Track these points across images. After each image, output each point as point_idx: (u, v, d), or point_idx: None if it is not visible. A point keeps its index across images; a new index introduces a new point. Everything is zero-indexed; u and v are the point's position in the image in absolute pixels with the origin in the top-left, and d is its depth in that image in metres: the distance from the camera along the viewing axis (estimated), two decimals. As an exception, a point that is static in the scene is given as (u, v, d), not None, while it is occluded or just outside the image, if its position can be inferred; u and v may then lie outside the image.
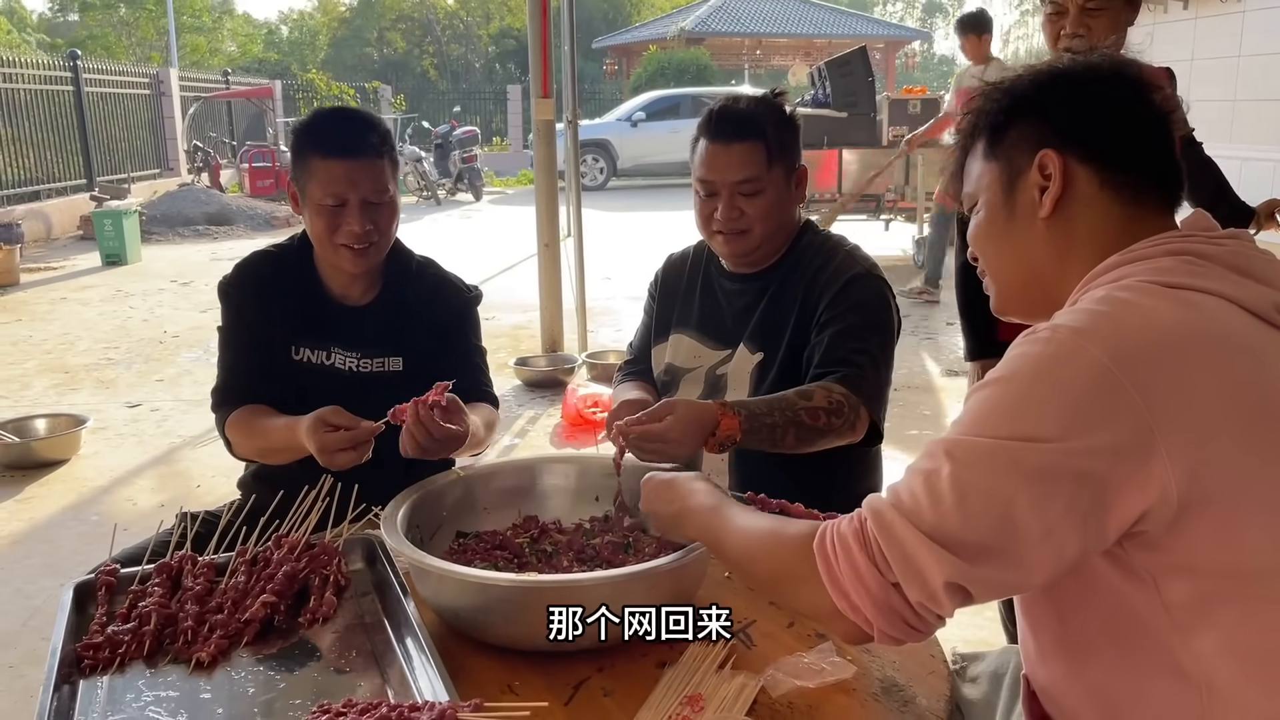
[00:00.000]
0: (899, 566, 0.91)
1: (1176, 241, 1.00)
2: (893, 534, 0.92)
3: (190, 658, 1.35)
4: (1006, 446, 0.89)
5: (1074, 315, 0.94)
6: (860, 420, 1.71)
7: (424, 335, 1.99)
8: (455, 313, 2.05)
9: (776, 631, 1.43)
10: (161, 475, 4.45)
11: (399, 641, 1.38)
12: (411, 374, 1.96)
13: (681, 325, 2.04)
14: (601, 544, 1.59)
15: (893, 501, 0.94)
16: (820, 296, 1.85)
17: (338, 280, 1.96)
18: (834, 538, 0.97)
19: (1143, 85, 1.06)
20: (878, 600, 0.93)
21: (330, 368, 1.94)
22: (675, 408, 1.58)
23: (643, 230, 12.04)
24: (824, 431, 1.67)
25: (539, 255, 6.09)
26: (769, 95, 1.93)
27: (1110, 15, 2.37)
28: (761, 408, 1.64)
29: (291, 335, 1.94)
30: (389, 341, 1.96)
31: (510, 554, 1.58)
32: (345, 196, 1.84)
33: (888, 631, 0.94)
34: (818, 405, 1.67)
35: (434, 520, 1.60)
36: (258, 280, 1.97)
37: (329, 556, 1.54)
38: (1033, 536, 0.88)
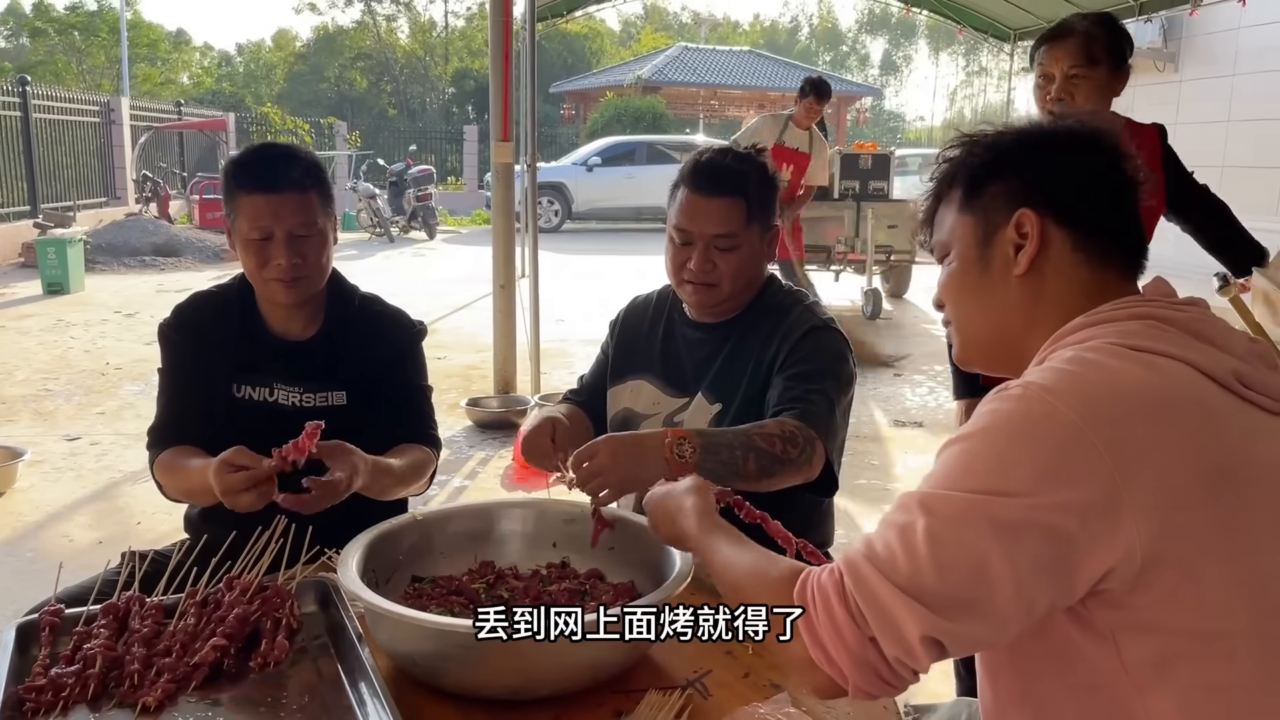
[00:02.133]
0: (875, 621, 0.92)
1: (1140, 306, 1.04)
2: (868, 588, 0.93)
3: (136, 702, 1.32)
4: (979, 501, 0.91)
5: (1044, 374, 0.97)
6: (816, 455, 1.73)
7: (367, 369, 1.99)
8: (397, 350, 2.05)
9: (732, 681, 1.43)
10: (100, 511, 4.34)
11: (353, 687, 1.37)
12: (355, 407, 1.96)
13: (642, 371, 2.06)
14: (558, 590, 1.59)
15: (867, 554, 0.95)
16: (780, 347, 1.88)
17: (277, 316, 1.96)
18: (814, 588, 0.98)
19: (1119, 154, 1.10)
20: (855, 655, 0.93)
21: (274, 404, 1.93)
22: (611, 434, 1.61)
23: (597, 273, 12.09)
24: (780, 460, 1.68)
25: (494, 296, 6.09)
26: (752, 152, 1.97)
27: (1094, 83, 2.48)
28: (713, 430, 1.67)
29: (232, 373, 1.94)
30: (332, 376, 1.96)
31: (466, 600, 1.57)
32: (270, 230, 1.85)
33: (862, 686, 0.95)
34: (771, 432, 1.69)
35: (389, 564, 1.58)
36: (196, 322, 1.98)
37: (282, 599, 1.52)
38: (1005, 590, 0.89)
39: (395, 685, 1.38)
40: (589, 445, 1.60)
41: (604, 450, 1.59)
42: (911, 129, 39.10)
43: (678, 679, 1.43)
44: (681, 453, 1.61)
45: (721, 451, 1.64)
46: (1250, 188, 9.27)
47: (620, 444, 1.59)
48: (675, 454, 1.61)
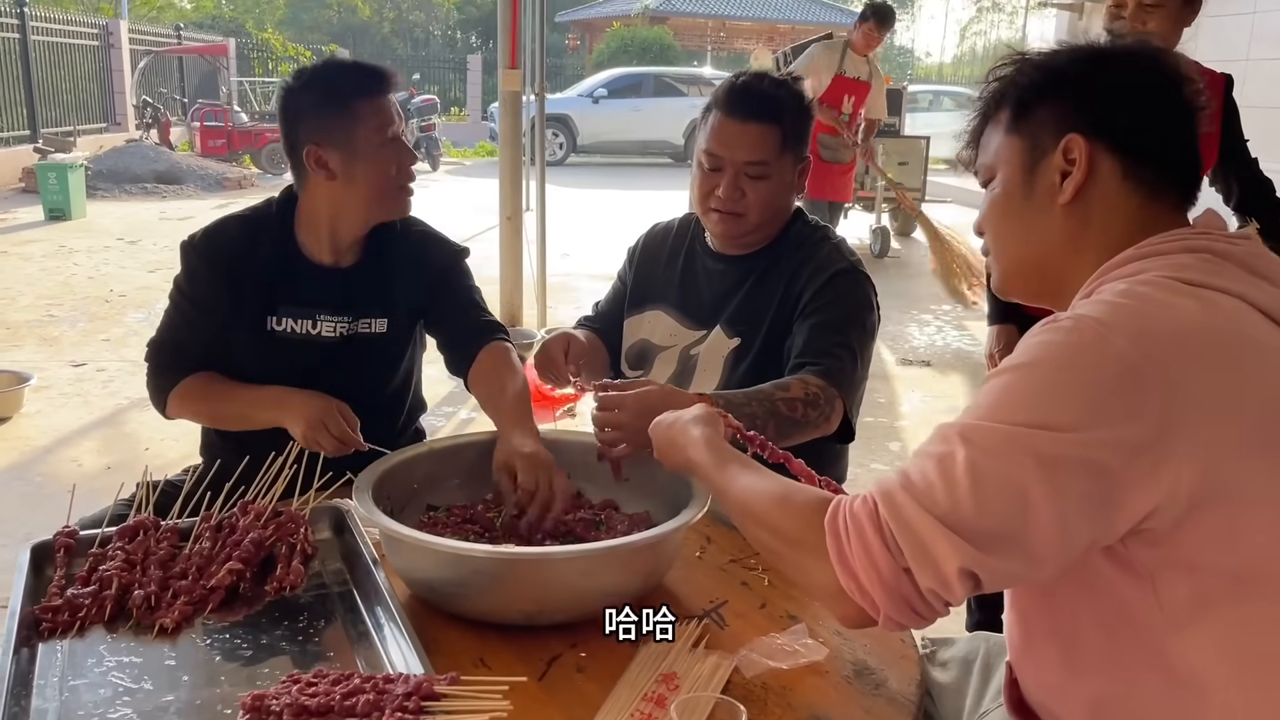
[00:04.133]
0: (911, 552, 0.90)
1: (1193, 239, 1.00)
2: (904, 518, 0.91)
3: (153, 624, 1.32)
4: (1024, 434, 0.89)
5: (1096, 306, 0.94)
6: (835, 413, 1.72)
7: (410, 295, 1.95)
8: (443, 266, 2.00)
9: (748, 612, 1.43)
10: (108, 437, 4.35)
11: (369, 612, 1.37)
12: (395, 335, 1.93)
13: (660, 301, 2.03)
14: (573, 520, 1.58)
15: (904, 483, 0.93)
16: (804, 287, 1.84)
17: (321, 246, 1.88)
18: (846, 516, 0.96)
19: (1179, 78, 1.05)
20: (888, 585, 0.92)
21: (316, 336, 1.87)
22: (642, 389, 1.57)
23: (602, 208, 11.99)
24: (801, 424, 1.67)
25: (501, 228, 6.04)
26: (790, 79, 1.91)
27: (1168, 11, 2.39)
28: (739, 398, 1.63)
29: (270, 305, 1.86)
30: (374, 302, 1.91)
31: (481, 528, 1.56)
32: (397, 131, 1.83)
33: (894, 617, 0.94)
34: (794, 396, 1.67)
35: (404, 492, 1.58)
36: (229, 250, 1.87)
37: (296, 525, 1.52)
38: (1045, 527, 0.88)
39: (410, 610, 1.38)
40: (617, 396, 1.57)
41: (630, 409, 1.54)
42: (921, 65, 38.44)
43: (694, 609, 1.43)
44: None
45: (743, 422, 1.61)
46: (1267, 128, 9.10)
47: (646, 405, 1.54)
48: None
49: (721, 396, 1.62)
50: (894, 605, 0.93)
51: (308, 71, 1.86)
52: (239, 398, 1.85)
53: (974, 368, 5.81)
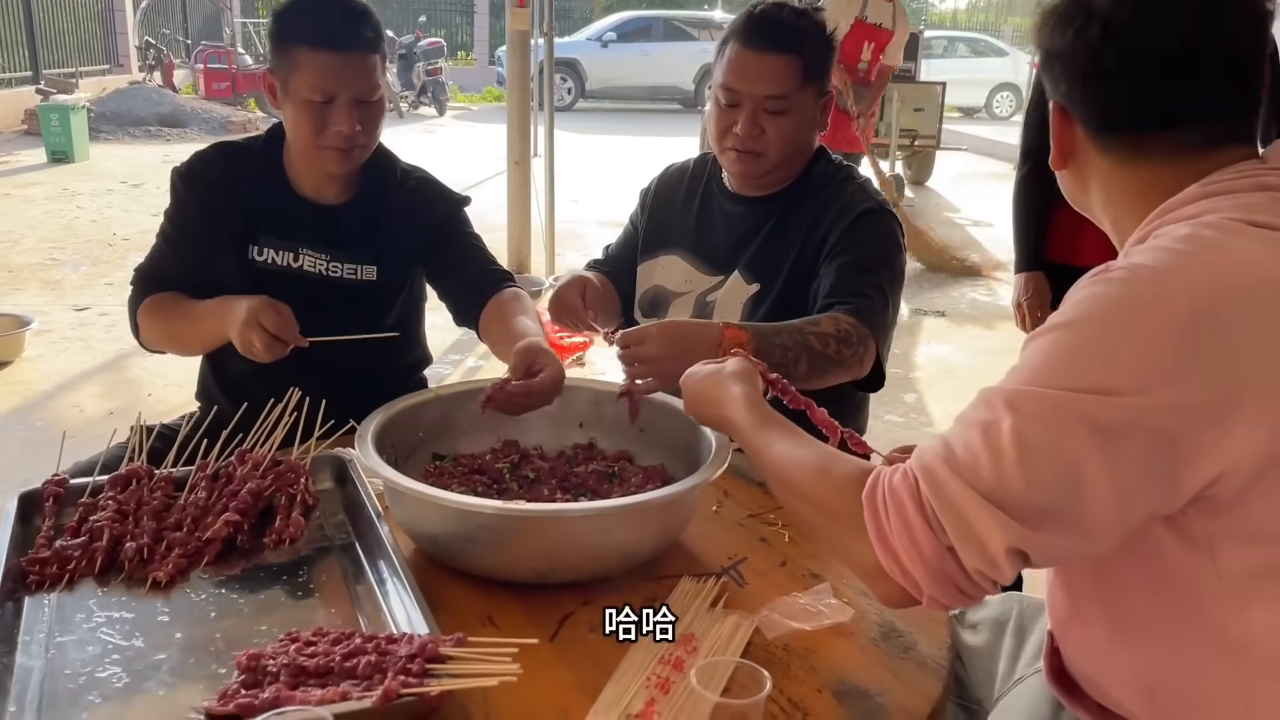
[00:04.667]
0: (955, 531, 0.83)
1: (1265, 174, 0.91)
2: (947, 495, 0.84)
3: (146, 577, 1.26)
4: (1077, 399, 0.81)
5: (1154, 255, 0.86)
6: (868, 354, 1.64)
7: (403, 243, 1.87)
8: (445, 216, 1.93)
9: (769, 569, 1.37)
10: (110, 382, 4.30)
11: (372, 567, 1.30)
12: (385, 284, 1.85)
13: (675, 245, 1.94)
14: (585, 472, 1.52)
15: (945, 456, 0.86)
16: (829, 229, 1.76)
17: (311, 180, 1.82)
18: (885, 491, 0.89)
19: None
20: (931, 565, 0.85)
21: (298, 270, 1.80)
22: (666, 320, 1.50)
23: (611, 154, 11.82)
24: (834, 361, 1.59)
25: (509, 173, 5.93)
26: (811, 8, 1.82)
27: None
28: (769, 329, 1.56)
29: (253, 233, 1.80)
30: (364, 246, 1.83)
31: (489, 479, 1.50)
32: (334, 93, 1.69)
33: (938, 598, 0.87)
34: (826, 332, 1.59)
35: (409, 441, 1.51)
36: (216, 174, 1.82)
37: (296, 474, 1.45)
38: (1102, 500, 0.80)
39: (415, 565, 1.32)
40: (639, 329, 1.50)
41: (655, 339, 1.48)
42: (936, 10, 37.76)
43: (712, 566, 1.36)
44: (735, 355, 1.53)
45: (774, 354, 1.53)
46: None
47: (672, 335, 1.48)
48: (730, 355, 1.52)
49: (749, 326, 1.54)
50: (938, 586, 0.86)
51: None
52: (190, 311, 1.78)
53: (988, 318, 5.72)
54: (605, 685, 1.10)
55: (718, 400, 1.19)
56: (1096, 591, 0.96)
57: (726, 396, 1.18)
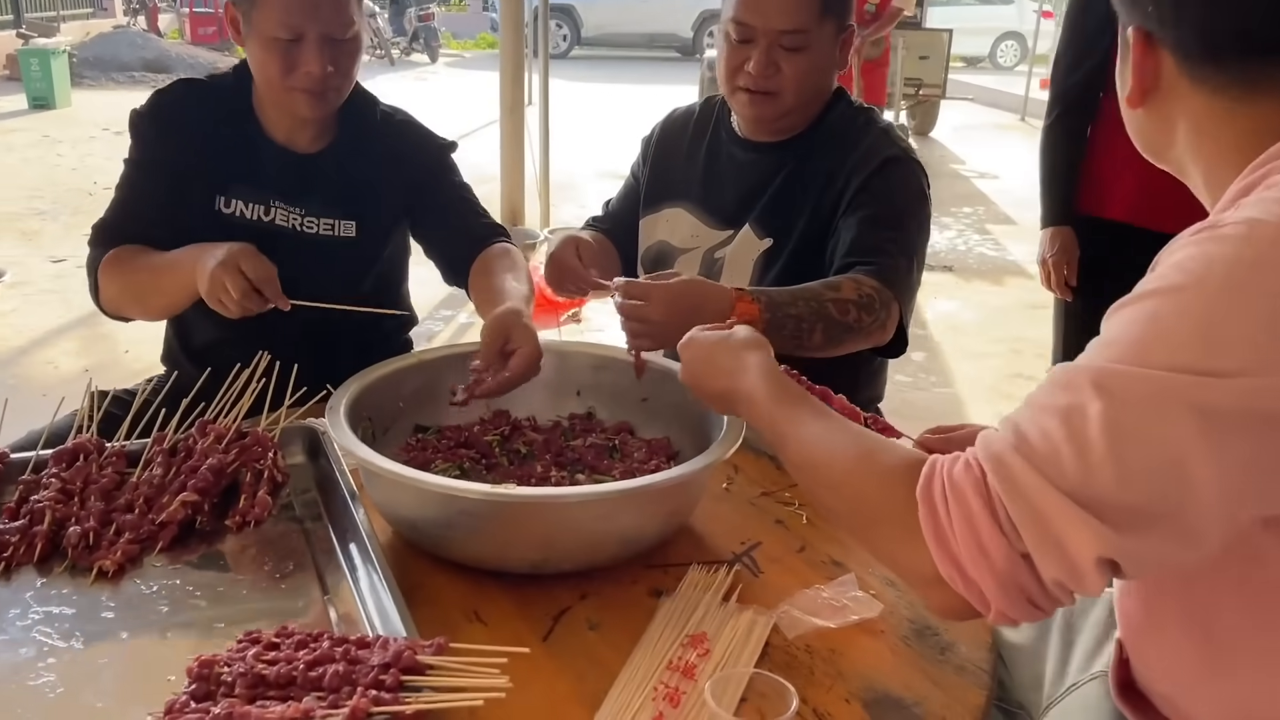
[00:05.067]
0: (1032, 535, 0.70)
1: None
2: (1023, 492, 0.70)
3: (92, 565, 1.13)
4: (1178, 381, 0.67)
5: (1272, 208, 0.71)
6: (890, 319, 1.50)
7: (390, 196, 1.71)
8: (433, 163, 1.77)
9: (785, 556, 1.24)
10: (86, 338, 4.14)
11: (344, 553, 1.17)
12: (365, 242, 1.69)
13: (680, 197, 1.79)
14: (583, 446, 1.38)
15: (1017, 445, 0.72)
16: (849, 178, 1.60)
17: (282, 124, 1.66)
18: (945, 486, 0.75)
19: None
20: (1001, 575, 0.71)
21: (269, 224, 1.64)
22: (673, 281, 1.34)
23: (608, 104, 11.55)
24: (853, 329, 1.45)
25: (502, 121, 5.73)
26: None
27: None
28: (784, 296, 1.41)
29: (220, 183, 1.64)
30: (341, 200, 1.68)
31: (477, 454, 1.36)
32: (302, 30, 1.52)
33: (1007, 611, 0.73)
34: (846, 298, 1.44)
35: (389, 411, 1.37)
36: (179, 115, 1.65)
37: (263, 448, 1.31)
38: (1206, 499, 0.67)
39: (393, 551, 1.19)
40: (643, 284, 1.34)
41: (659, 301, 1.32)
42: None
43: (722, 553, 1.23)
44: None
45: (787, 325, 1.39)
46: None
47: (679, 299, 1.32)
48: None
49: (763, 294, 1.39)
50: (1008, 598, 0.72)
51: None
52: (154, 262, 1.59)
53: (996, 273, 5.57)
54: (606, 696, 0.97)
55: (728, 370, 1.04)
56: (1181, 604, 0.83)
57: (740, 365, 1.03)
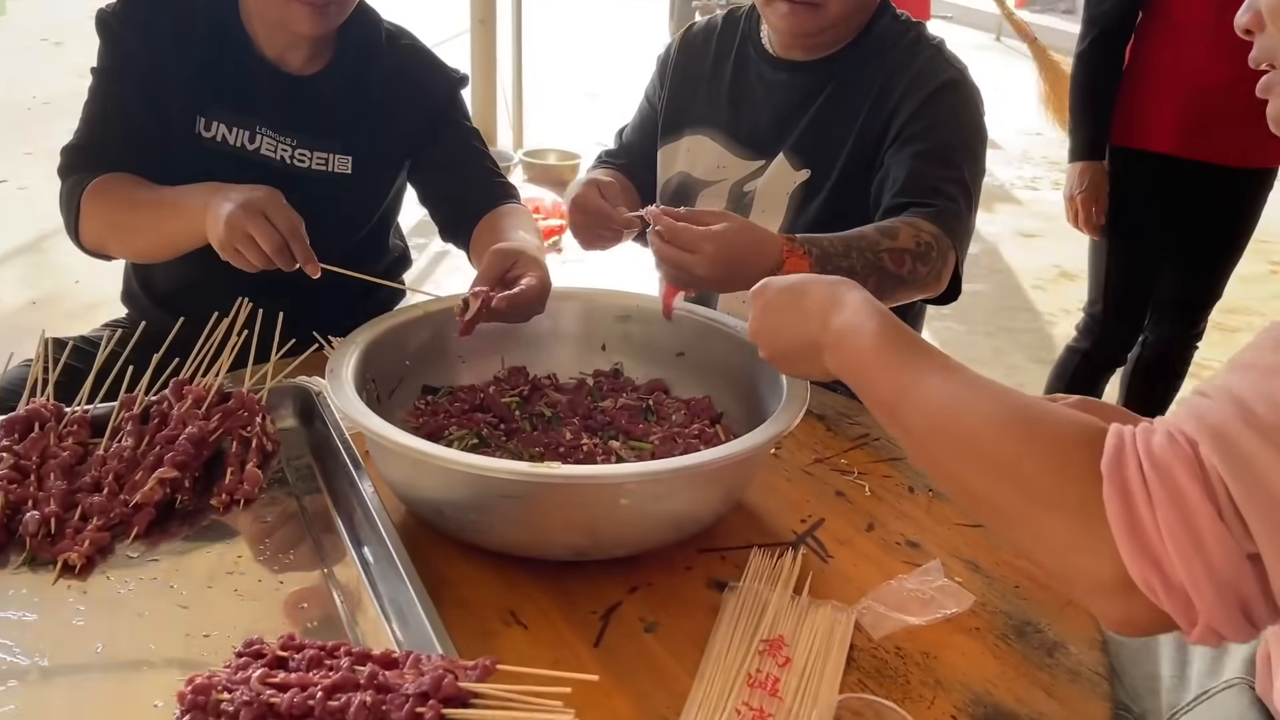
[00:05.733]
0: (1267, 529, 0.55)
1: None
2: (1258, 474, 0.55)
3: (55, 558, 0.96)
4: None
5: None
6: (946, 268, 1.35)
7: (395, 132, 1.51)
8: (443, 99, 1.56)
9: (853, 536, 1.10)
10: (30, 266, 3.86)
11: (353, 539, 1.01)
12: (362, 180, 1.49)
13: (703, 123, 1.60)
14: (614, 409, 1.22)
15: (1241, 414, 0.57)
16: (900, 104, 1.43)
17: (274, 40, 1.43)
18: (1143, 460, 0.59)
19: None
20: (1221, 579, 0.57)
21: (253, 154, 1.44)
22: (723, 230, 1.17)
23: (586, 15, 11.12)
24: (906, 282, 1.29)
25: (472, 33, 5.41)
26: None
27: None
28: (837, 246, 1.24)
29: (201, 102, 1.42)
30: (338, 131, 1.47)
31: (496, 418, 1.20)
32: None
33: (1219, 627, 0.59)
34: (903, 247, 1.28)
35: (393, 372, 1.20)
36: (156, 13, 1.42)
37: (250, 412, 1.14)
38: None
39: (409, 536, 1.03)
40: (693, 235, 1.15)
41: (710, 255, 1.15)
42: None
43: (783, 533, 1.09)
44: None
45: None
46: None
47: (726, 247, 1.15)
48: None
49: (812, 242, 1.23)
50: (1225, 609, 0.58)
51: None
52: (156, 198, 1.36)
53: (985, 199, 5.41)
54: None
55: (819, 311, 0.85)
56: None
57: (835, 302, 0.85)
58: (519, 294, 1.14)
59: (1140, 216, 2.14)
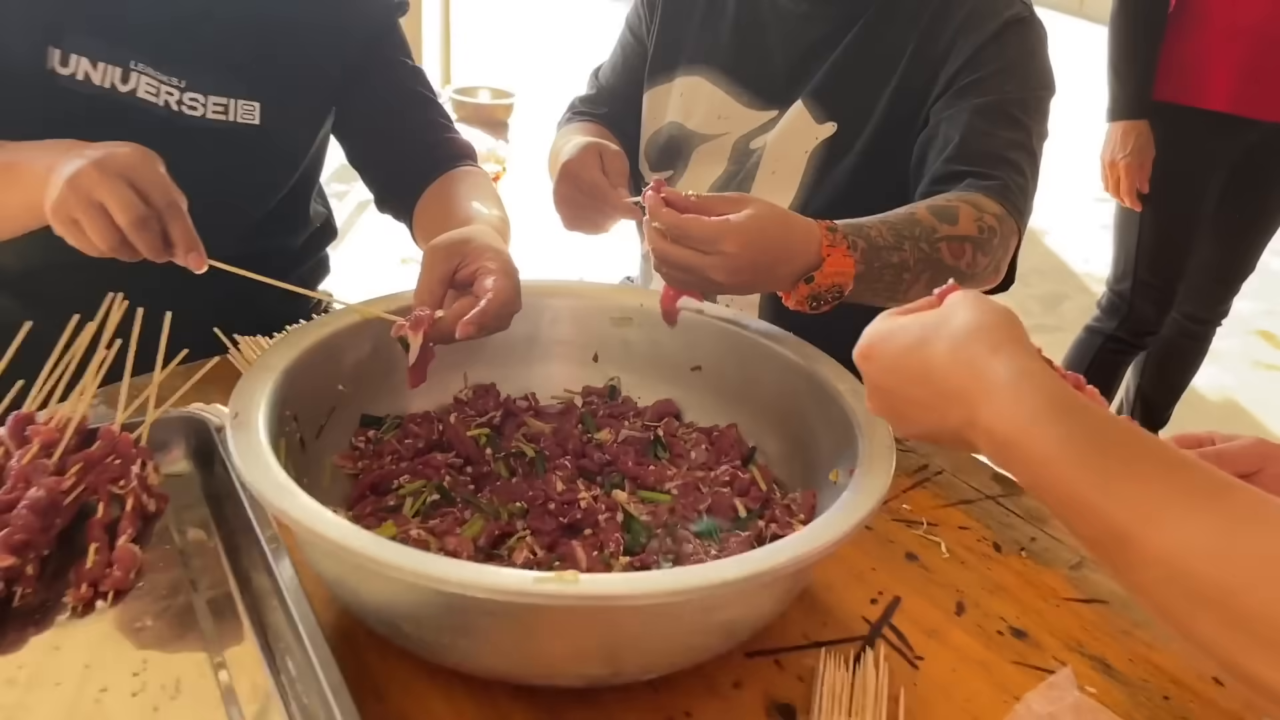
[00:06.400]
0: None
1: None
2: None
3: None
4: None
5: None
6: (1006, 257, 1.10)
7: (314, 68, 1.17)
8: (377, 27, 1.23)
9: (940, 622, 0.84)
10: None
11: (264, 645, 0.72)
12: (273, 133, 1.16)
13: (700, 61, 1.31)
14: (614, 442, 0.94)
15: None
16: (955, 43, 1.15)
17: None
18: None
19: None
20: None
21: (127, 98, 1.09)
22: (747, 223, 0.88)
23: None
24: (964, 276, 1.04)
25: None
26: None
27: None
28: (885, 236, 0.97)
29: (54, 27, 1.06)
30: (241, 69, 1.13)
31: (460, 458, 0.90)
32: None
33: None
34: (964, 234, 1.02)
35: (323, 399, 0.89)
36: None
37: (124, 458, 0.83)
38: None
39: (348, 640, 0.75)
40: (710, 228, 0.86)
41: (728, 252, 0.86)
42: None
43: (851, 620, 0.83)
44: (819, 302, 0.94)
45: (885, 276, 0.97)
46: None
47: (751, 243, 0.87)
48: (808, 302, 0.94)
49: (857, 231, 0.95)
50: None
51: None
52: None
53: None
54: None
55: (962, 393, 0.59)
56: None
57: (981, 378, 0.58)
58: (483, 311, 0.83)
59: (1186, 182, 1.90)
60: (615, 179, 1.08)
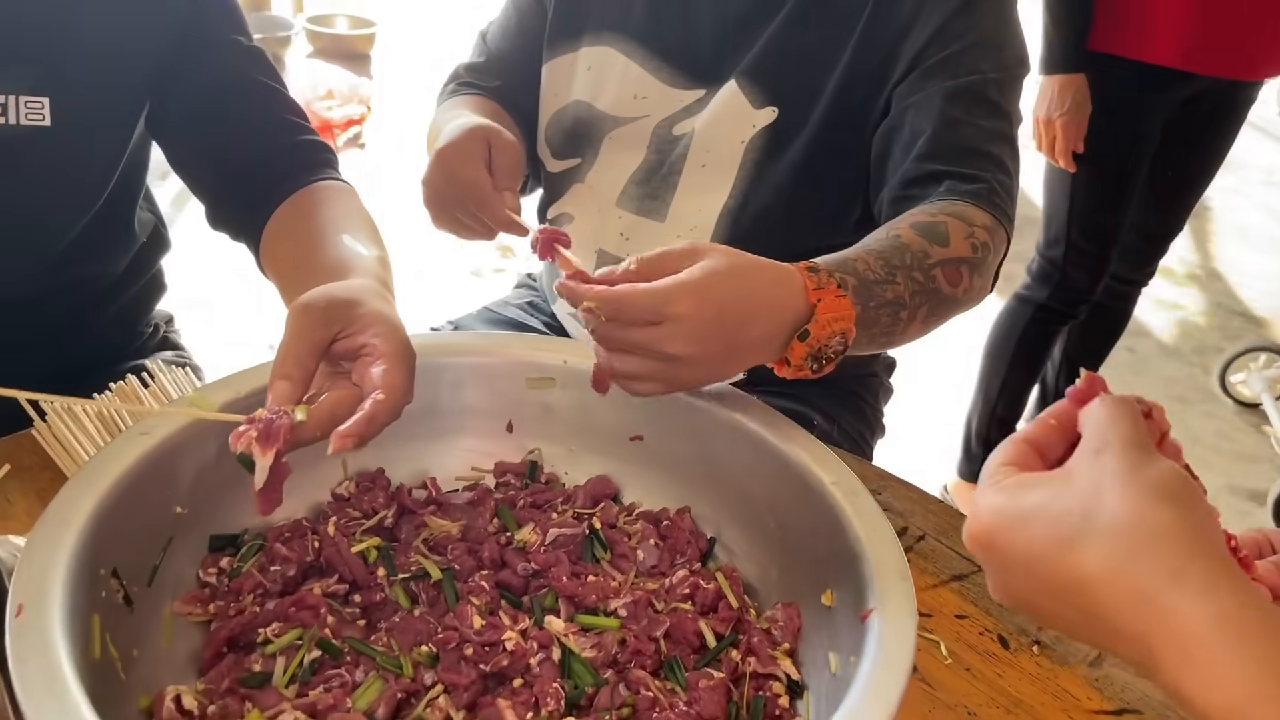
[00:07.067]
0: None
1: None
2: None
3: None
4: None
5: None
6: (995, 265, 0.94)
7: (116, 56, 0.89)
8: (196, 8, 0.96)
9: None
10: None
11: None
12: (69, 136, 0.88)
13: (611, 28, 1.09)
14: (540, 547, 0.74)
15: None
16: (916, 12, 0.98)
17: None
18: None
19: None
20: None
21: None
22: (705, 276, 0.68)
23: None
24: (960, 304, 0.89)
25: None
26: None
27: None
28: (876, 269, 0.79)
29: None
30: (26, 56, 0.85)
31: (343, 584, 0.70)
32: None
33: None
34: (959, 256, 0.86)
35: (155, 531, 0.66)
36: None
37: None
38: None
39: None
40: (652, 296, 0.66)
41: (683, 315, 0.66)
42: None
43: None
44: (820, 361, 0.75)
45: (881, 318, 0.79)
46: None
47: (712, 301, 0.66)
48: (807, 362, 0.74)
49: (843, 269, 0.77)
50: None
51: None
52: None
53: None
54: None
55: (1141, 633, 0.41)
56: None
57: (1167, 624, 0.40)
58: (369, 418, 0.61)
59: (1123, 140, 1.77)
60: (503, 179, 0.87)
